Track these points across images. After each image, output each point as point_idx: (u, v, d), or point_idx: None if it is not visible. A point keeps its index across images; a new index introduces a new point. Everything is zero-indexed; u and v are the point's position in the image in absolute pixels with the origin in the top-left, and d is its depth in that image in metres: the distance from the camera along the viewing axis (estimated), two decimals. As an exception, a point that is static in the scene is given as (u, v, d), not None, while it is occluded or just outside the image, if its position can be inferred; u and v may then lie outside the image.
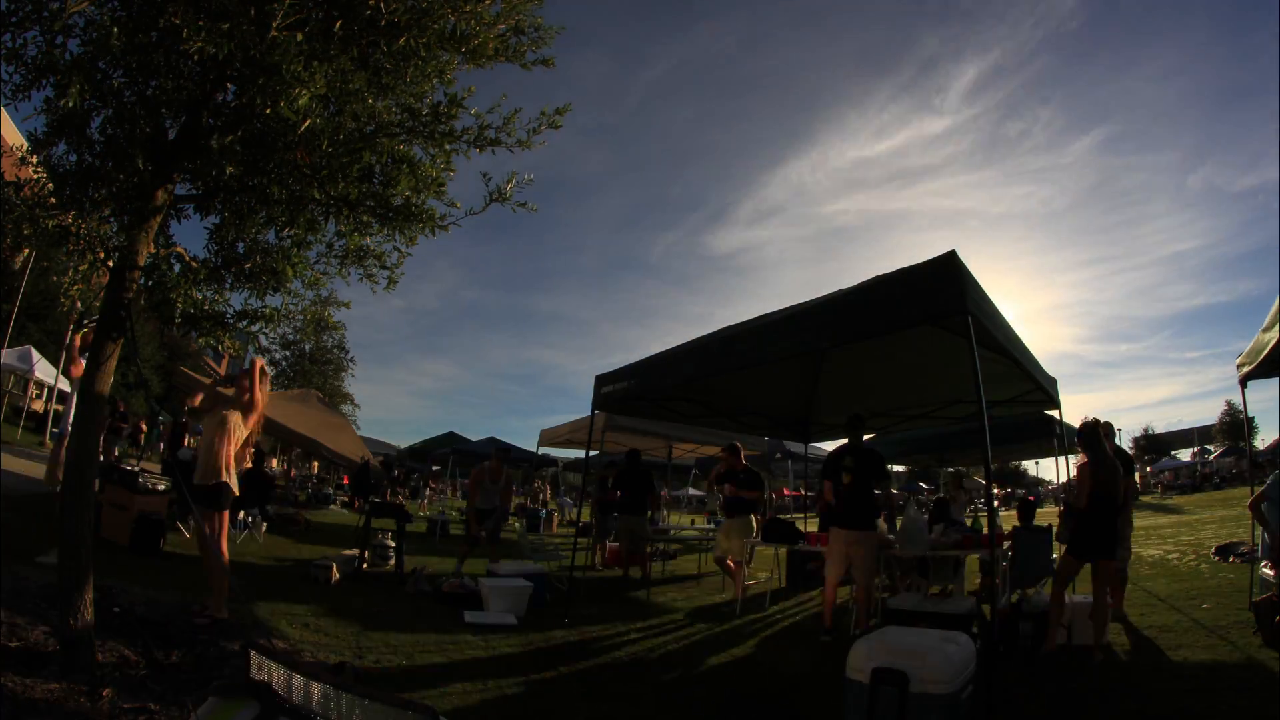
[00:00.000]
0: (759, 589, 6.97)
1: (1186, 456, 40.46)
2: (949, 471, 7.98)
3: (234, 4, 2.72)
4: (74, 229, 3.07)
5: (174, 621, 3.85)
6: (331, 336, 33.31)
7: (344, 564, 6.60)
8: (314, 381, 30.16)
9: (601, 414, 6.86)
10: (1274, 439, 30.80)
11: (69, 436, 4.01)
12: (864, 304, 3.85)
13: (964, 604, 4.39)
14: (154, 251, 3.15)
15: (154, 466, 10.95)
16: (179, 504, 6.86)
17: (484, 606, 5.53)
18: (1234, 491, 20.05)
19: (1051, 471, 62.73)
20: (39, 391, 20.53)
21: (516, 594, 5.62)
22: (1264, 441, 31.34)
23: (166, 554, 6.09)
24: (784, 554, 7.69)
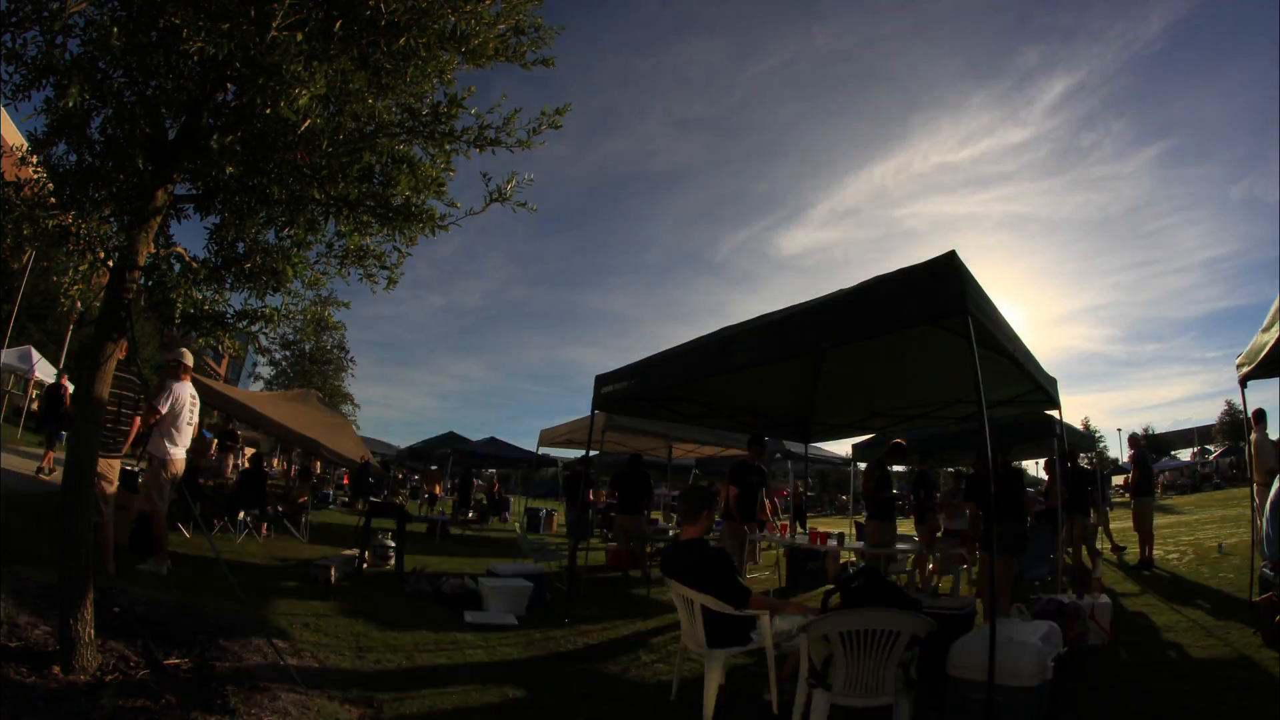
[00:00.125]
0: (760, 588, 6.96)
1: (1186, 456, 40.46)
2: (949, 472, 7.96)
3: (234, 4, 2.72)
4: (74, 229, 3.07)
5: (174, 621, 3.85)
6: (331, 336, 33.44)
7: (344, 564, 6.60)
8: (314, 381, 30.23)
9: (601, 414, 6.87)
10: (1274, 439, 30.74)
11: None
12: (864, 304, 3.84)
13: (965, 603, 4.39)
14: (154, 251, 3.15)
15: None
16: (179, 504, 6.86)
17: (484, 606, 5.54)
18: (1234, 492, 20.03)
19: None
20: (39, 391, 20.54)
21: (516, 594, 5.62)
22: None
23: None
24: (784, 554, 7.69)
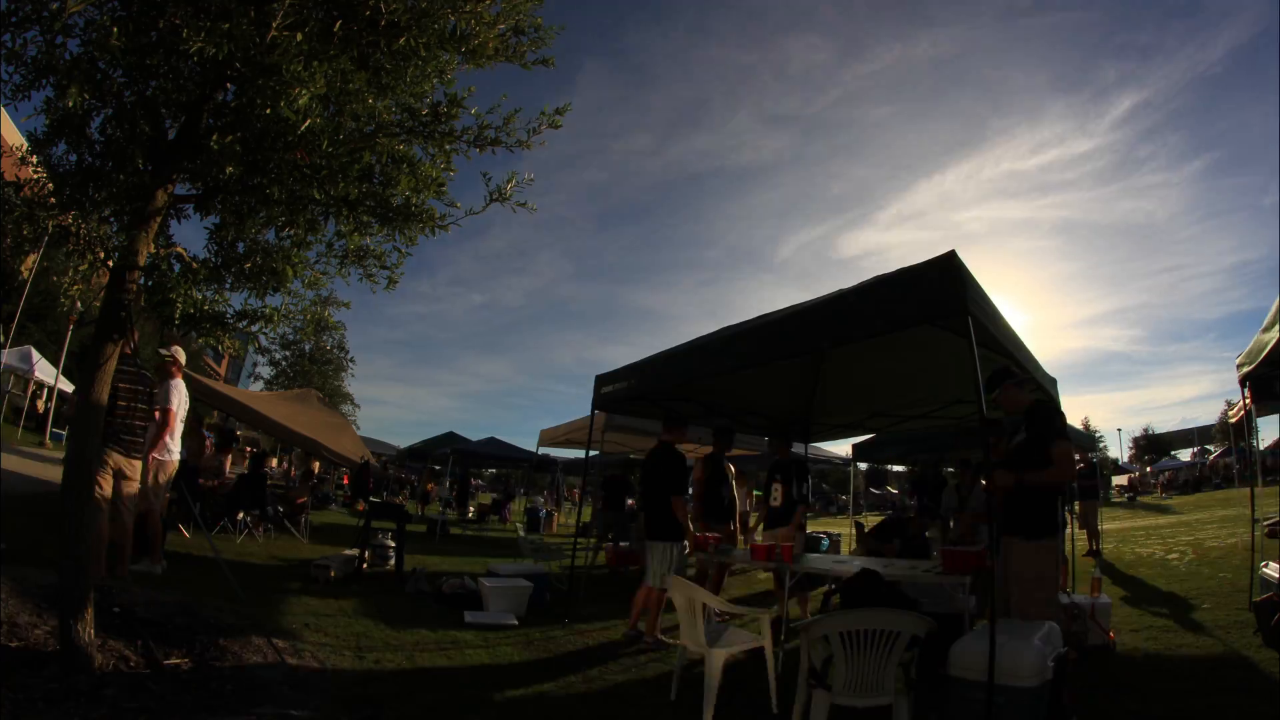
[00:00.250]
0: (763, 588, 6.98)
1: (1186, 456, 40.49)
2: (961, 461, 7.92)
3: (234, 4, 2.72)
4: (74, 229, 3.07)
5: (174, 621, 3.85)
6: (331, 336, 33.47)
7: (344, 564, 6.60)
8: (314, 381, 30.25)
9: (601, 414, 6.87)
10: (1274, 439, 30.87)
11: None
12: (864, 304, 3.84)
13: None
14: (154, 252, 3.15)
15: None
16: (179, 504, 6.87)
17: (484, 606, 5.54)
18: (1234, 492, 20.03)
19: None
20: (39, 391, 20.55)
21: (516, 594, 5.62)
22: (1264, 441, 31.40)
23: (167, 554, 6.07)
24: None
